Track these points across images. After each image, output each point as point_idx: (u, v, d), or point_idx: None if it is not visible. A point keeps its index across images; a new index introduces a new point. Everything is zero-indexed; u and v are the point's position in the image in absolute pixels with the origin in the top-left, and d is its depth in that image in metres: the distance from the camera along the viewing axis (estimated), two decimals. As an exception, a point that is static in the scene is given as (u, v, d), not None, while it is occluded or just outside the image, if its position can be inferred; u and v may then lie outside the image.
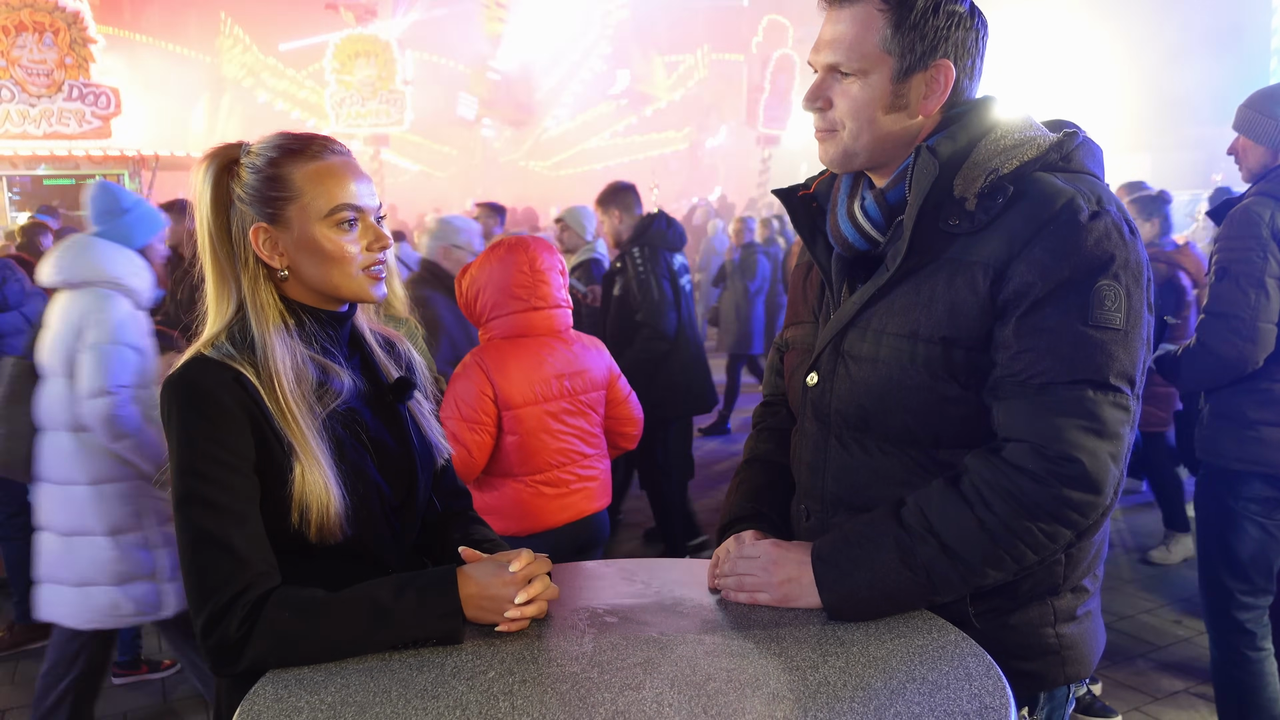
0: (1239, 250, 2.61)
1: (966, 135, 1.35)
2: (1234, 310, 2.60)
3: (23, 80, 11.57)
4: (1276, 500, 2.71)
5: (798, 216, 1.53)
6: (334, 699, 1.14)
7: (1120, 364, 1.26)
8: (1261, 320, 2.59)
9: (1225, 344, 2.62)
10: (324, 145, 1.39)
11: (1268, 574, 2.79)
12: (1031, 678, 1.39)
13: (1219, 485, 2.80)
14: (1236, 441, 2.72)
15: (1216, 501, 2.82)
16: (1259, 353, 2.61)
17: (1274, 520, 2.73)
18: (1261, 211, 2.61)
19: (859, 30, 1.34)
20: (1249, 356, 2.61)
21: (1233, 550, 2.77)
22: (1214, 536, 2.84)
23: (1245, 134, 2.78)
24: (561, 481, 2.77)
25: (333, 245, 1.36)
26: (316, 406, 1.35)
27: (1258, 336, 2.59)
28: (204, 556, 1.26)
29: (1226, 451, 2.75)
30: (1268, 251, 2.58)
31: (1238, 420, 2.72)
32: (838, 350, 1.43)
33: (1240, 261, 2.60)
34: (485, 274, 2.77)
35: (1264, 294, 2.58)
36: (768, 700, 1.11)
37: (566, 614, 1.36)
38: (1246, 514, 2.74)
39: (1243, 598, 2.79)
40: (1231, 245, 2.64)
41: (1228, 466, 2.76)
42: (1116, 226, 1.28)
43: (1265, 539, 2.74)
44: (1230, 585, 2.80)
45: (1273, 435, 2.66)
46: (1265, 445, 2.67)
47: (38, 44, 11.61)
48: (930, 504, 1.31)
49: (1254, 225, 2.60)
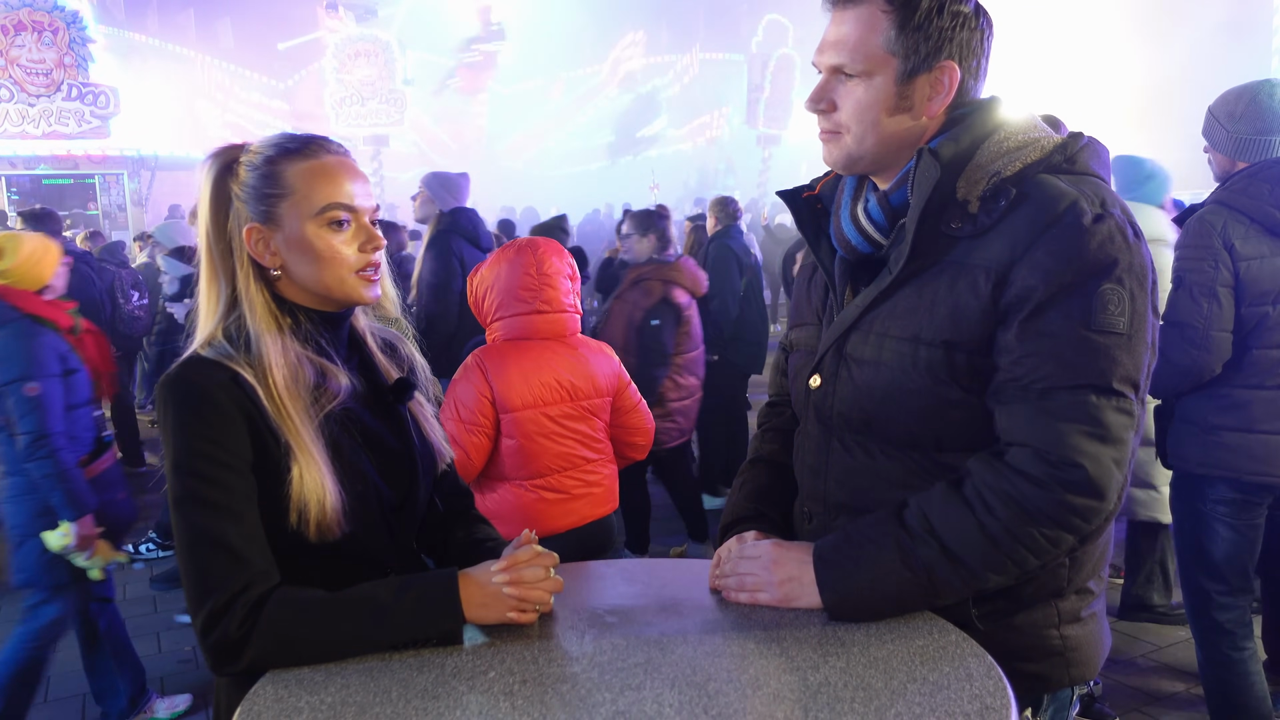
0: (1192, 260, 2.63)
1: (970, 137, 1.35)
2: (1188, 319, 2.62)
3: (22, 79, 11.57)
4: (1243, 502, 2.74)
5: (802, 218, 1.52)
6: (334, 699, 1.14)
7: (1124, 368, 1.26)
8: (1215, 329, 2.60)
9: (1180, 353, 2.64)
10: (320, 145, 1.39)
11: (1243, 574, 2.81)
12: (1036, 679, 1.39)
13: (1188, 489, 2.84)
14: (1200, 447, 2.75)
15: (1187, 505, 2.85)
16: (1214, 361, 2.63)
17: (1243, 521, 2.75)
18: (1214, 221, 2.62)
19: (863, 31, 1.33)
20: (1204, 365, 2.63)
21: (1207, 552, 2.80)
22: (1188, 540, 2.87)
23: (1207, 139, 2.79)
24: (564, 487, 2.75)
25: (323, 245, 1.35)
26: (313, 406, 1.35)
27: (1212, 345, 2.61)
28: (202, 555, 1.26)
29: (1191, 456, 2.78)
30: (1219, 261, 2.59)
31: (1200, 425, 2.75)
32: (840, 353, 1.42)
33: (1193, 271, 2.63)
34: (493, 274, 2.77)
35: (1216, 303, 2.59)
36: (768, 700, 1.11)
37: (567, 614, 1.35)
38: (1215, 516, 2.77)
39: (1220, 598, 2.81)
40: (1185, 255, 2.66)
41: (1193, 471, 2.79)
42: (1120, 229, 1.27)
43: (1237, 539, 2.76)
44: (1208, 587, 2.83)
45: (1234, 440, 2.68)
46: (1227, 450, 2.70)
47: (37, 43, 11.61)
48: (932, 507, 1.31)
49: (1206, 235, 2.62)
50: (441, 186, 5.01)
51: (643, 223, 4.86)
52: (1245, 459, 2.67)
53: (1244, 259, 2.58)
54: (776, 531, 1.52)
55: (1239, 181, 2.65)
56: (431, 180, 5.09)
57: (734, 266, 5.66)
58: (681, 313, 4.65)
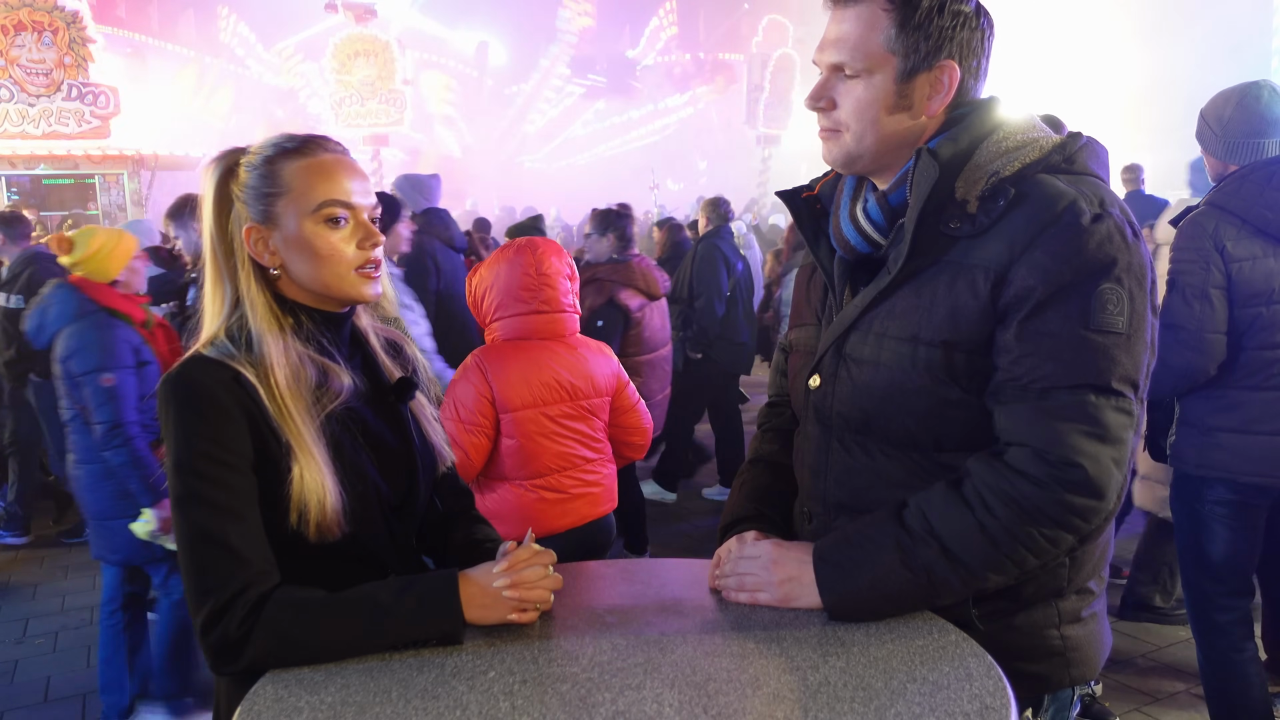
0: (1185, 262, 2.64)
1: (969, 137, 1.35)
2: (1181, 321, 2.62)
3: (21, 79, 11.56)
4: (1241, 504, 2.73)
5: (801, 218, 1.52)
6: (334, 699, 1.14)
7: (1123, 368, 1.26)
8: (1208, 331, 2.60)
9: (1174, 355, 2.64)
10: (318, 144, 1.40)
11: (1243, 576, 2.82)
12: (1036, 679, 1.39)
13: (1187, 491, 2.84)
14: (1197, 448, 2.75)
15: (1187, 506, 2.85)
16: (1208, 363, 2.63)
17: (1242, 523, 2.75)
18: (1206, 223, 2.63)
19: (863, 30, 1.33)
20: (1199, 367, 2.63)
21: (1206, 554, 2.80)
22: (1188, 541, 2.87)
23: (1199, 142, 2.80)
24: (563, 487, 2.76)
25: (321, 242, 1.36)
26: (315, 406, 1.35)
27: (1205, 347, 2.61)
28: (203, 555, 1.26)
29: (1189, 458, 2.78)
30: (1210, 263, 2.59)
31: (1198, 427, 2.75)
32: (840, 353, 1.42)
33: (1185, 274, 2.63)
34: (493, 274, 2.77)
35: (1209, 305, 2.59)
36: (768, 700, 1.11)
37: (567, 614, 1.36)
38: (1214, 517, 2.77)
39: (1221, 600, 2.81)
40: (1179, 257, 2.66)
41: (1191, 472, 2.79)
42: (1119, 229, 1.27)
43: (1236, 541, 2.76)
44: (1208, 588, 2.83)
45: (1231, 441, 2.68)
46: (1224, 451, 2.70)
47: (36, 43, 11.60)
48: (932, 506, 1.31)
49: (1198, 237, 2.62)
50: (413, 188, 5.02)
51: (603, 222, 4.84)
52: (1242, 460, 2.67)
53: (1236, 260, 2.58)
54: (776, 531, 1.52)
55: (1230, 184, 2.65)
56: (403, 182, 5.10)
57: (721, 266, 5.64)
58: (630, 315, 4.61)
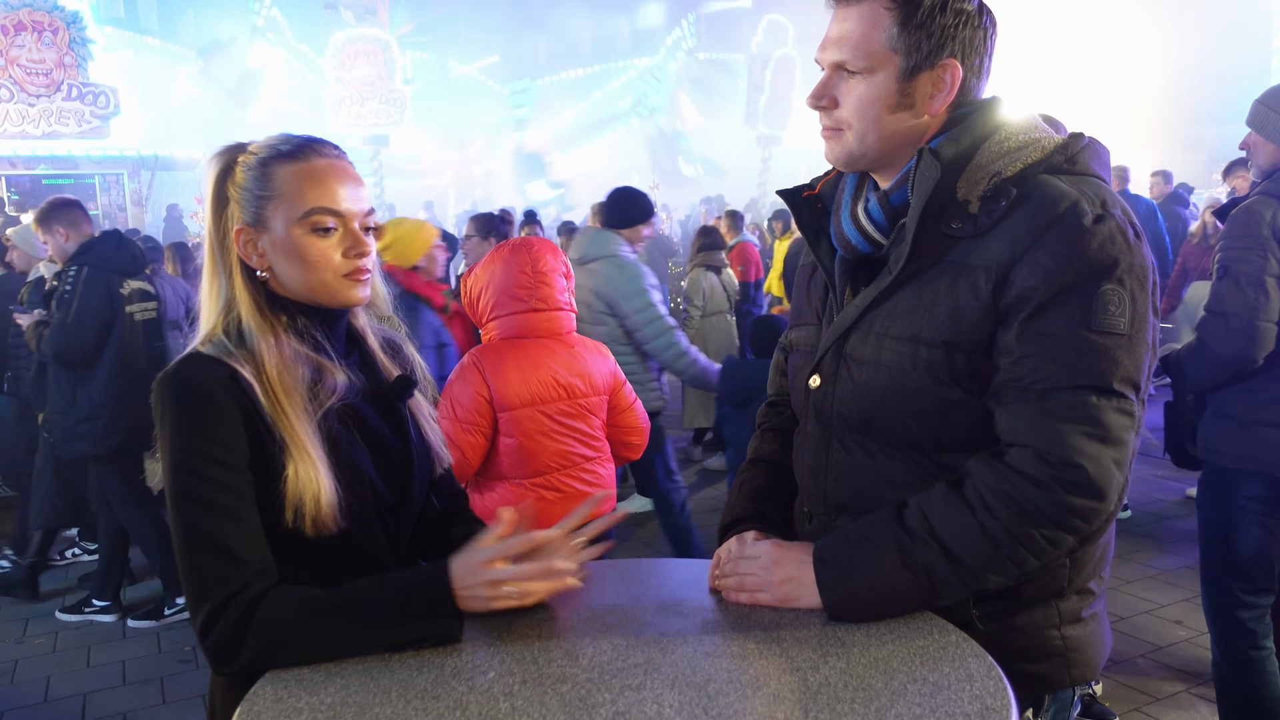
0: (1239, 250, 2.62)
1: (970, 137, 1.35)
2: (1233, 309, 2.61)
3: (22, 79, 11.57)
4: (1276, 500, 2.71)
5: (802, 217, 1.52)
6: (334, 699, 1.14)
7: (1124, 369, 1.26)
8: (1260, 319, 2.59)
9: (1224, 343, 2.63)
10: (313, 148, 1.38)
11: (1269, 573, 2.79)
12: (1036, 680, 1.39)
13: (1219, 484, 2.80)
14: (1235, 441, 2.73)
15: (1217, 500, 2.82)
16: (1258, 351, 2.61)
17: (1274, 519, 2.73)
18: (1263, 211, 2.62)
19: (865, 28, 1.33)
20: (1248, 355, 2.61)
21: (1234, 549, 2.78)
22: (1215, 535, 2.84)
23: (1257, 130, 2.78)
24: (562, 485, 2.75)
25: (307, 249, 1.35)
26: (311, 403, 1.34)
27: (1256, 335, 2.60)
28: (200, 555, 1.26)
29: (1225, 451, 2.75)
30: (1268, 250, 2.59)
31: (1236, 419, 2.72)
32: (840, 353, 1.42)
33: (1240, 261, 2.61)
34: (488, 274, 2.77)
35: (1263, 293, 2.59)
36: (768, 701, 1.11)
37: (566, 614, 1.35)
38: (1247, 513, 2.74)
39: (1245, 596, 2.79)
40: (1233, 245, 2.65)
41: (1226, 466, 2.76)
42: (1121, 230, 1.27)
43: (1266, 538, 2.74)
44: (1232, 584, 2.80)
45: (1270, 435, 2.66)
46: (1263, 445, 2.67)
47: (36, 43, 11.61)
48: (932, 507, 1.30)
49: (1255, 225, 2.61)
50: None
51: (484, 225, 4.82)
52: None
53: None
54: (777, 532, 1.52)
55: None
56: None
57: None
58: None
